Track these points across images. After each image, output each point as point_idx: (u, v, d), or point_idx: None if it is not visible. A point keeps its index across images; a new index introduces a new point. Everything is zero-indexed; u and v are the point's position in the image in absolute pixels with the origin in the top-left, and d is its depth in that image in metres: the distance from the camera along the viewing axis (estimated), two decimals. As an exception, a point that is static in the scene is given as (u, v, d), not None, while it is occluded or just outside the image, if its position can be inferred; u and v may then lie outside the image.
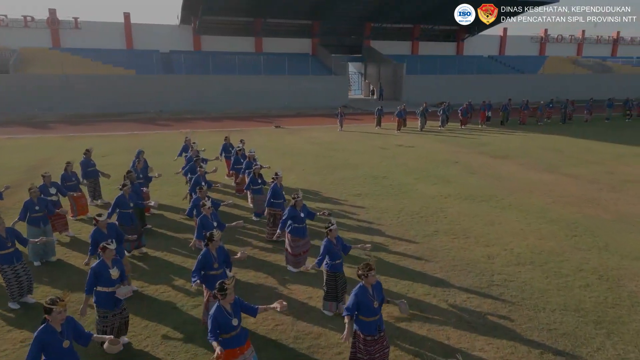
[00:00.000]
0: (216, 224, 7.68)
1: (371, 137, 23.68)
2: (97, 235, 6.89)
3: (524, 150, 19.49)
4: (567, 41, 63.54)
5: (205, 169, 10.86)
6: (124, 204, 8.77)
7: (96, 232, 7.00)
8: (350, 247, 6.99)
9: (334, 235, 6.54)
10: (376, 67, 50.50)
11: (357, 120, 30.96)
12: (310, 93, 41.20)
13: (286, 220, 8.04)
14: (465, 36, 57.03)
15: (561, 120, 29.41)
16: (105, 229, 7.10)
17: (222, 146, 14.86)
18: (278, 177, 9.61)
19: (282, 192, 9.59)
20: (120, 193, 8.85)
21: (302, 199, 8.08)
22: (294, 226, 7.99)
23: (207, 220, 7.73)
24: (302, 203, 8.13)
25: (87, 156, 12.14)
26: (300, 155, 18.65)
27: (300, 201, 8.00)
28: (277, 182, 9.56)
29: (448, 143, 21.58)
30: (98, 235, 6.90)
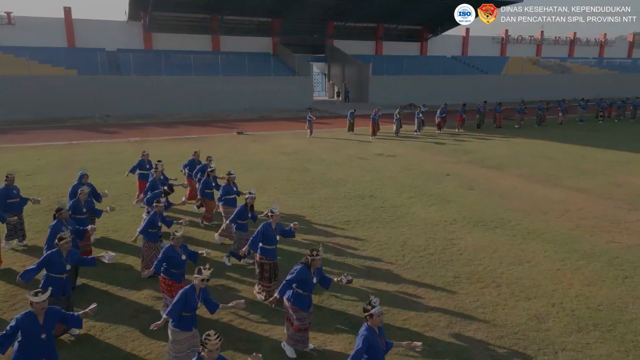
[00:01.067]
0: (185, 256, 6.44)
1: (346, 144, 21.49)
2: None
3: (514, 159, 17.84)
4: (526, 42, 63.94)
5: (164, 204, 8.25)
6: (58, 265, 5.99)
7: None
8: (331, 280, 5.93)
9: (316, 265, 5.54)
10: (340, 68, 48.52)
11: (326, 125, 28.72)
12: (273, 95, 38.65)
13: (290, 284, 5.65)
14: (428, 36, 56.08)
15: (536, 123, 28.31)
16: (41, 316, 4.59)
17: (188, 161, 12.20)
18: (274, 214, 7.10)
19: (275, 234, 7.11)
20: (53, 250, 6.10)
21: (321, 257, 5.68)
22: (296, 293, 5.62)
23: (174, 252, 6.31)
24: (321, 261, 5.75)
25: (7, 183, 9.10)
26: (270, 168, 16.17)
27: (318, 260, 5.62)
28: (272, 221, 7.09)
29: (431, 151, 19.68)
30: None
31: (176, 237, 6.27)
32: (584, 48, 67.50)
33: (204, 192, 10.20)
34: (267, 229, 6.95)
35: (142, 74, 35.10)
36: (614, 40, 69.92)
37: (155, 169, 10.27)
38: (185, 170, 12.04)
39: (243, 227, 8.32)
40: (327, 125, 28.79)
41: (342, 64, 47.83)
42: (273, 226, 7.01)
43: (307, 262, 5.59)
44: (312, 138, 23.27)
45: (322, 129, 26.42)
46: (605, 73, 58.79)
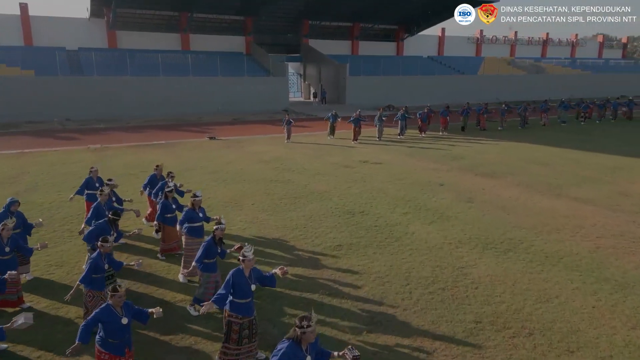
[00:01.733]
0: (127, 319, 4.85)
1: (327, 150, 20.04)
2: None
3: (508, 165, 16.75)
4: (501, 42, 63.99)
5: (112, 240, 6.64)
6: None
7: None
8: None
9: (309, 339, 4.02)
10: (316, 68, 47.11)
11: (304, 128, 27.22)
12: (246, 96, 36.88)
13: None
14: (404, 36, 55.31)
15: (520, 125, 27.55)
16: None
17: (149, 178, 10.44)
18: (246, 259, 5.42)
19: (250, 283, 5.52)
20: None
21: (314, 329, 4.10)
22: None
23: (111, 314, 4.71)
24: None
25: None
26: (247, 180, 14.56)
27: (311, 333, 4.04)
28: (244, 267, 5.50)
29: (418, 157, 18.44)
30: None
31: (116, 296, 4.59)
32: (556, 48, 68.12)
33: (162, 217, 8.52)
34: (238, 278, 5.36)
35: (106, 75, 32.84)
36: (585, 40, 70.82)
37: (101, 191, 8.41)
38: (146, 190, 10.31)
39: (211, 268, 6.72)
40: (306, 128, 27.31)
41: (318, 64, 46.43)
42: (246, 273, 5.43)
43: (296, 337, 4.03)
44: (291, 143, 21.74)
45: (301, 133, 24.93)
46: (578, 73, 59.30)
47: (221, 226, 6.64)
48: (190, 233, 7.72)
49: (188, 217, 7.76)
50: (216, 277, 6.77)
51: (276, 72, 39.26)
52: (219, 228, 6.59)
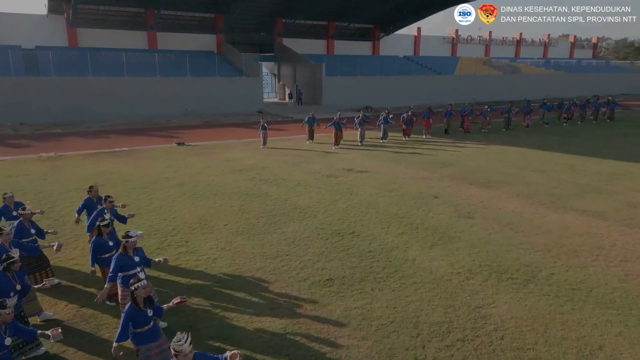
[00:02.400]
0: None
1: (307, 156, 18.53)
2: None
3: (501, 173, 15.61)
4: (475, 42, 63.81)
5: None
6: None
7: None
8: None
9: None
10: (291, 68, 45.54)
11: (280, 132, 25.64)
12: (218, 97, 35.02)
13: None
14: (380, 35, 54.34)
15: (504, 127, 26.69)
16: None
17: (83, 202, 8.65)
18: (181, 354, 3.79)
19: None
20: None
21: None
22: None
23: None
24: None
25: None
26: (219, 194, 12.92)
27: None
28: None
29: (405, 164, 17.13)
30: None
31: None
32: (529, 48, 68.48)
33: (96, 259, 6.80)
34: None
35: (65, 75, 30.47)
36: (557, 41, 71.50)
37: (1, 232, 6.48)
38: (82, 216, 8.57)
39: (148, 337, 5.03)
40: (282, 132, 25.73)
41: (293, 64, 44.88)
42: None
43: None
44: (267, 149, 20.15)
45: (277, 137, 23.35)
46: (552, 73, 59.52)
47: (141, 283, 4.90)
48: (126, 284, 5.97)
49: (120, 264, 6.05)
50: (160, 345, 5.10)
51: (249, 72, 37.52)
52: (139, 286, 4.89)
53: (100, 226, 6.85)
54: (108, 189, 13.20)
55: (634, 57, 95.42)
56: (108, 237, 6.90)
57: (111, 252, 6.72)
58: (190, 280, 7.76)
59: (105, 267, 6.67)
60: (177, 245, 9.19)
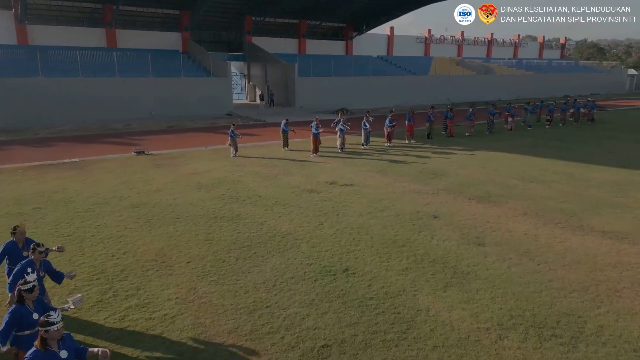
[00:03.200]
0: None
1: (283, 167, 16.63)
2: None
3: (499, 185, 14.15)
4: (448, 42, 63.26)
5: None
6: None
7: None
8: None
9: None
10: (262, 68, 43.46)
11: (252, 137, 23.64)
12: (184, 99, 32.70)
13: None
14: (353, 34, 52.94)
15: (488, 130, 25.49)
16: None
17: (3, 247, 6.39)
18: None
19: None
20: None
21: None
22: None
23: None
24: None
25: None
26: (181, 218, 10.89)
27: None
28: None
29: (393, 175, 15.47)
30: None
31: None
32: (500, 49, 68.54)
33: (6, 336, 4.74)
34: None
35: (12, 76, 27.54)
36: (526, 41, 71.87)
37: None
38: (4, 264, 6.47)
39: None
40: (254, 137, 23.73)
41: (264, 64, 42.82)
42: None
43: None
44: (238, 158, 18.15)
45: (249, 143, 21.39)
46: (523, 74, 59.47)
47: None
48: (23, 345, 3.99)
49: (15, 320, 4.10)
50: None
51: (217, 72, 35.28)
52: None
53: (20, 291, 4.78)
54: (47, 213, 10.99)
55: (595, 58, 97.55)
56: (33, 307, 4.85)
57: (34, 328, 4.65)
58: (139, 355, 5.78)
59: (22, 350, 4.62)
60: (125, 296, 7.17)
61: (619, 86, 69.50)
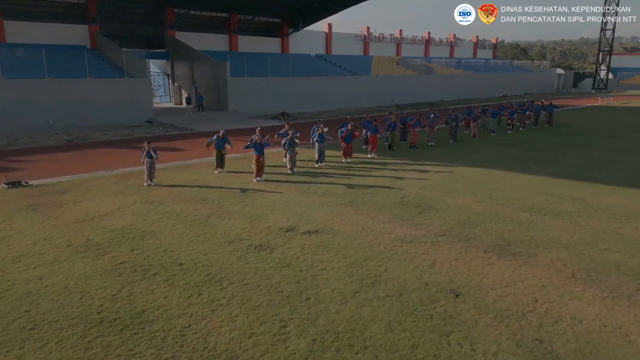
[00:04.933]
0: None
1: (217, 201, 12.21)
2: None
3: (508, 221, 10.75)
4: (387, 41, 61.04)
5: None
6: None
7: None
8: None
9: None
10: (188, 66, 38.18)
11: (176, 153, 18.91)
12: (91, 105, 27.05)
13: None
14: (289, 31, 48.86)
15: (451, 138, 22.49)
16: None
17: None
18: None
19: None
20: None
21: None
22: None
23: None
24: None
25: None
26: (39, 329, 6.27)
27: None
28: None
29: (366, 208, 11.60)
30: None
31: None
32: (437, 48, 67.55)
33: None
34: None
35: None
36: (462, 41, 71.61)
37: None
38: None
39: None
40: (178, 154, 19.00)
41: (190, 62, 37.59)
42: None
43: None
44: (154, 188, 13.46)
45: (171, 162, 16.72)
46: (462, 73, 58.56)
47: None
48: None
49: None
50: None
51: (133, 71, 29.74)
52: None
53: None
54: None
55: (520, 57, 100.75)
56: None
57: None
58: None
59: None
60: None
61: (548, 85, 71.15)
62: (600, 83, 67.99)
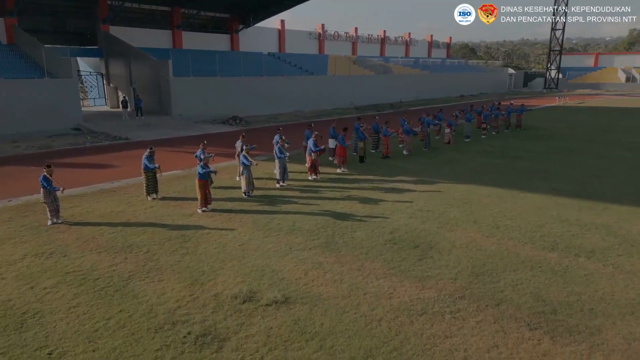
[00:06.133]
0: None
1: (148, 247, 8.96)
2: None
3: (539, 268, 8.23)
4: (343, 39, 58.66)
5: None
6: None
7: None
8: None
9: None
10: (124, 65, 33.91)
11: (103, 170, 15.32)
12: (5, 111, 22.69)
13: None
14: (239, 27, 45.31)
15: (425, 146, 20.12)
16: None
17: None
18: None
19: None
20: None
21: None
22: None
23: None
24: None
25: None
26: None
27: None
28: None
29: (350, 254, 8.76)
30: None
31: None
32: (392, 47, 66.01)
33: None
34: None
35: None
36: (416, 40, 70.53)
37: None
38: None
39: None
40: (105, 171, 15.41)
41: (127, 60, 33.36)
42: None
43: None
44: (60, 227, 9.98)
45: (91, 185, 13.15)
46: (419, 73, 57.21)
47: None
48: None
49: None
50: None
51: (56, 70, 25.47)
52: None
53: None
54: None
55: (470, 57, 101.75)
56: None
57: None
58: None
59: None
60: None
61: (501, 85, 71.47)
62: (552, 83, 68.84)
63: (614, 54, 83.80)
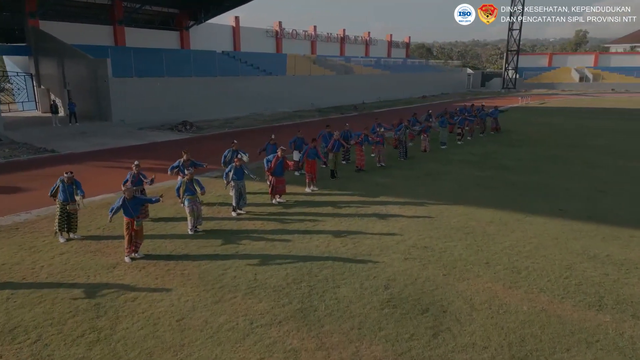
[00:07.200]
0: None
1: (35, 334, 6.11)
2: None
3: (585, 338, 6.06)
4: (301, 37, 56.12)
5: None
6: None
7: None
8: None
9: None
10: (57, 65, 29.93)
11: (15, 197, 12.10)
12: None
13: None
14: (189, 24, 41.89)
15: (401, 155, 17.93)
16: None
17: None
18: None
19: None
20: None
21: None
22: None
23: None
24: None
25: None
26: None
27: None
28: None
29: (337, 334, 6.27)
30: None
31: None
32: (352, 46, 64.17)
33: None
34: None
35: None
36: (376, 40, 69.02)
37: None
38: None
39: None
40: (15, 196, 12.21)
41: (60, 59, 29.44)
42: None
43: None
44: None
45: None
46: (381, 73, 55.57)
47: None
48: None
49: None
50: None
51: (-34, 71, 21.44)
52: None
53: None
54: None
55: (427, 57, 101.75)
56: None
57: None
58: None
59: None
60: None
61: (460, 85, 71.12)
62: (509, 83, 69.05)
63: (567, 54, 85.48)
